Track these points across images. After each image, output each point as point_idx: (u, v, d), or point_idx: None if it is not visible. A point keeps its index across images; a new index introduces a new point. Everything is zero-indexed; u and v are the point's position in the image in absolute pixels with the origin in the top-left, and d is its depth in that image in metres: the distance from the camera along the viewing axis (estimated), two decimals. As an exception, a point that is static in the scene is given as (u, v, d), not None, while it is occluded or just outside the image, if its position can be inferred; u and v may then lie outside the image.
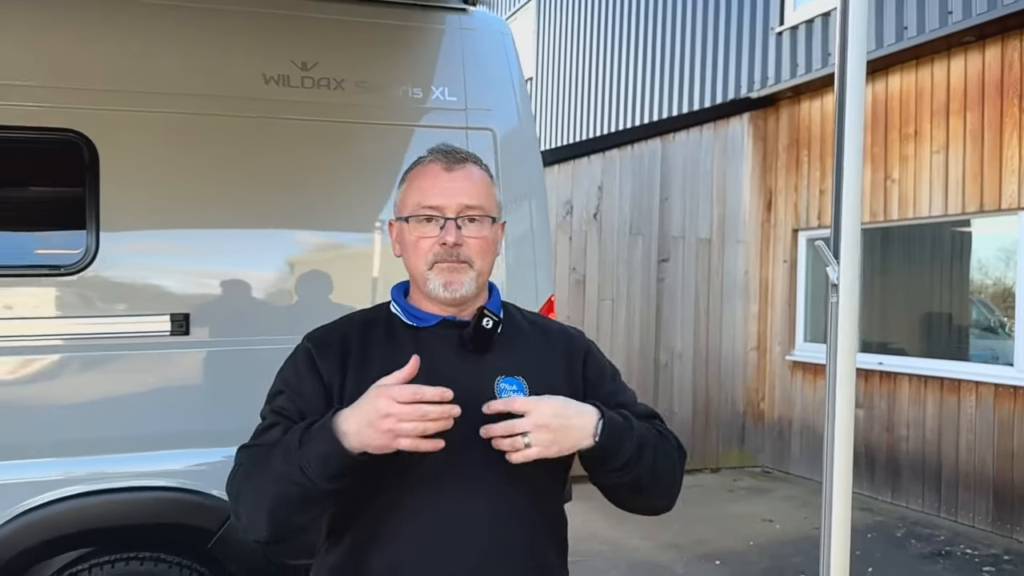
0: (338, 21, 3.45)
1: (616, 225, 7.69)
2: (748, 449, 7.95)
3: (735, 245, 7.93)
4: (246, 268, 3.29)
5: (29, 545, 2.97)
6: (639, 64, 10.33)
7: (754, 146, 7.99)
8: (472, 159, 1.75)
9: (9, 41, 3.06)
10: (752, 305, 7.99)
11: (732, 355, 7.96)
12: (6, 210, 3.28)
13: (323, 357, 1.68)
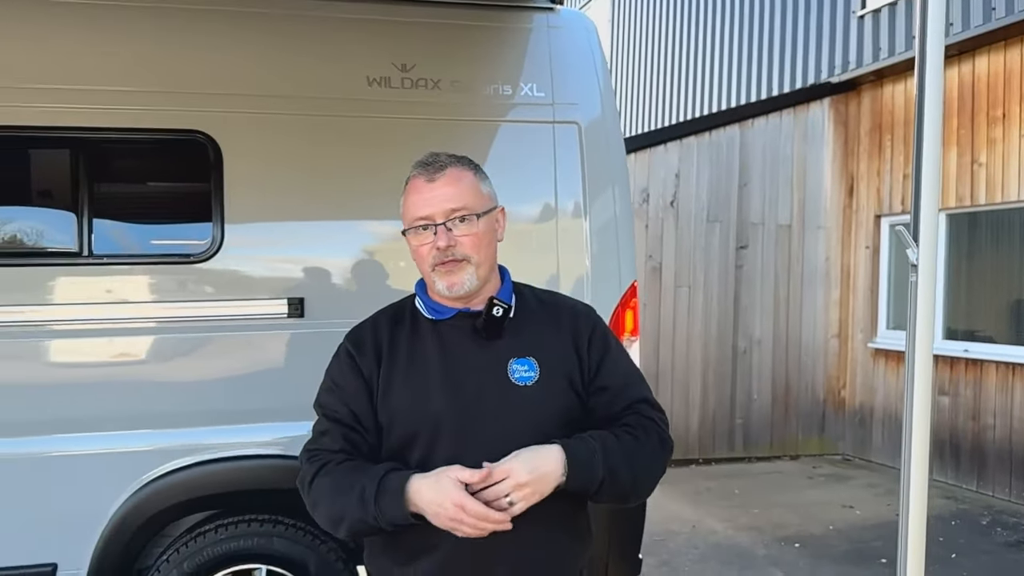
0: (434, 24, 3.55)
1: (693, 212, 7.71)
2: (828, 437, 7.91)
3: (816, 231, 7.89)
4: (354, 256, 3.46)
5: (164, 507, 3.22)
6: (717, 50, 10.27)
7: (835, 131, 7.92)
8: (452, 162, 1.86)
9: (145, 51, 3.28)
10: (833, 292, 7.94)
11: (812, 342, 7.92)
12: (143, 204, 3.53)
13: (361, 355, 1.87)
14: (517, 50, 3.67)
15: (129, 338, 3.29)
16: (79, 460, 3.22)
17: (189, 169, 3.41)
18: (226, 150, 3.27)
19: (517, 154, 3.62)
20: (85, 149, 3.26)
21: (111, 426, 3.23)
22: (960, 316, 7.00)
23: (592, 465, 1.64)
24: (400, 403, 1.83)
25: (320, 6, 3.49)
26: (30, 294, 3.22)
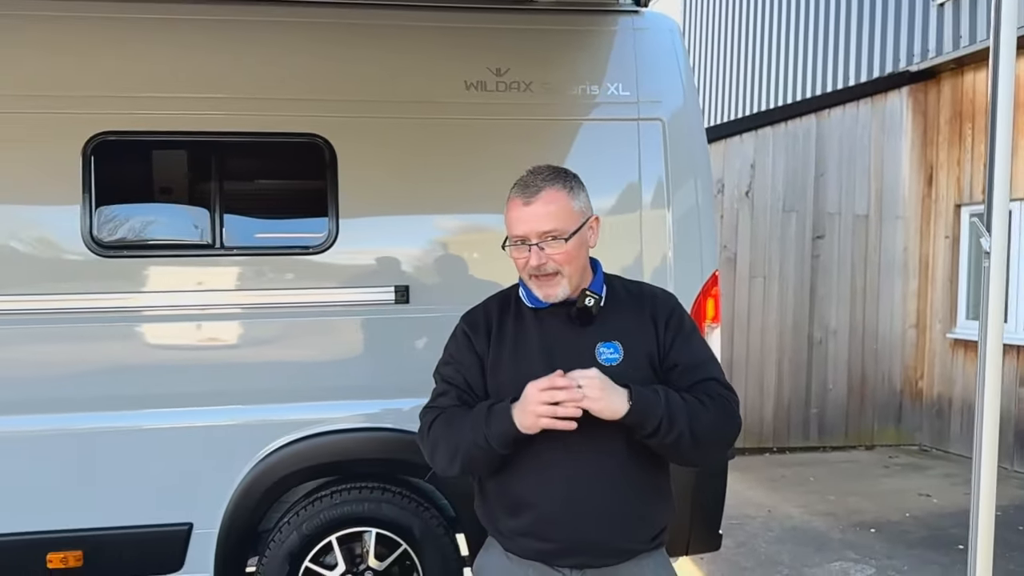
0: (526, 30, 3.69)
1: (768, 203, 7.72)
2: (905, 427, 7.86)
3: (893, 221, 7.81)
4: (454, 248, 3.64)
5: (286, 473, 3.46)
6: (793, 40, 10.17)
7: (914, 120, 7.80)
8: (547, 183, 2.02)
9: (271, 62, 3.52)
10: (911, 282, 7.86)
11: (889, 332, 7.86)
12: (267, 201, 3.77)
13: (475, 335, 2.11)
14: (603, 51, 3.76)
15: (257, 321, 3.52)
16: (214, 431, 3.47)
17: (308, 169, 3.61)
18: (340, 151, 3.49)
19: (604, 150, 3.71)
20: (217, 151, 3.51)
21: (241, 400, 3.49)
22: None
23: (654, 404, 1.83)
24: (506, 377, 2.04)
25: (422, 16, 3.64)
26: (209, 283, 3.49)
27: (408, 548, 3.59)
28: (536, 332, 2.09)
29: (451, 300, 3.42)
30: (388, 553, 3.60)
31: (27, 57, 3.41)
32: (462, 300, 3.55)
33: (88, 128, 3.39)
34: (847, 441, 7.77)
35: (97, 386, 3.42)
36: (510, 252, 2.06)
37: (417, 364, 3.44)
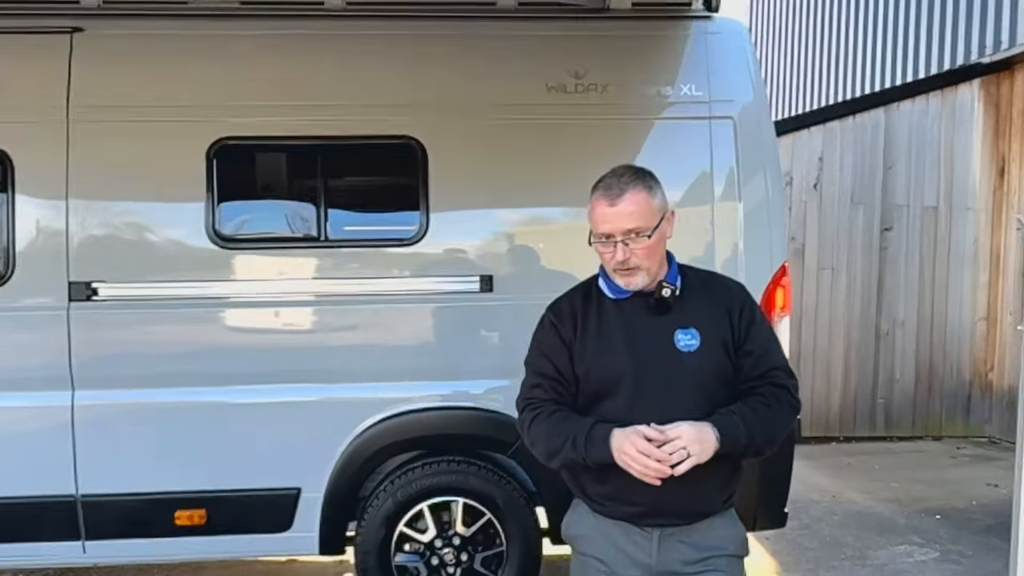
0: (602, 36, 3.77)
1: (836, 195, 7.69)
2: (974, 419, 7.75)
3: (964, 213, 7.68)
4: (535, 240, 3.75)
5: (383, 445, 3.65)
6: (860, 33, 9.95)
7: (985, 112, 7.61)
8: (630, 185, 2.12)
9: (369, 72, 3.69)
10: (982, 274, 7.72)
11: (959, 324, 7.75)
12: (365, 197, 3.94)
13: (561, 324, 2.21)
14: (677, 54, 3.81)
15: (356, 307, 3.67)
16: (319, 406, 3.67)
17: (400, 168, 3.74)
18: (431, 152, 3.63)
19: (678, 147, 3.78)
20: (321, 154, 3.70)
21: (342, 379, 3.66)
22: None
23: (737, 436, 1.98)
24: (592, 362, 2.17)
25: (505, 26, 3.77)
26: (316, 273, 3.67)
27: (492, 517, 3.73)
28: (618, 321, 2.21)
29: (531, 289, 3.56)
30: (473, 521, 3.75)
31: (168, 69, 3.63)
32: (541, 289, 3.45)
33: (212, 132, 3.59)
34: (914, 432, 7.69)
35: (218, 364, 3.63)
36: (596, 247, 2.18)
37: (500, 349, 3.73)
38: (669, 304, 2.16)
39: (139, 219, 3.67)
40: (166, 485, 3.59)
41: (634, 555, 2.17)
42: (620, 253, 2.09)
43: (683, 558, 2.16)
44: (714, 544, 2.18)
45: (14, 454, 3.55)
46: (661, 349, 2.13)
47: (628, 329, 2.19)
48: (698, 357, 2.13)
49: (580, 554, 2.31)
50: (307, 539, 3.68)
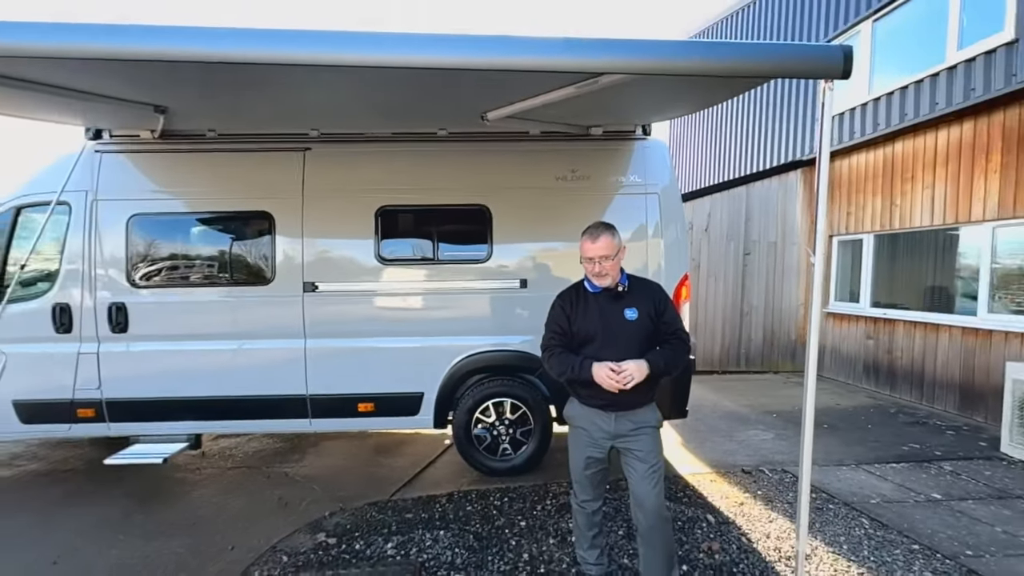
0: (587, 149, 3.75)
1: (718, 235, 7.57)
2: (797, 361, 7.56)
3: (791, 245, 7.55)
4: (549, 260, 3.73)
5: (468, 370, 3.69)
6: (731, 141, 9.60)
7: (803, 188, 7.42)
8: (602, 232, 2.20)
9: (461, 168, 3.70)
10: (800, 279, 7.57)
11: (790, 307, 7.61)
12: (458, 237, 3.77)
13: (564, 305, 2.30)
14: (627, 158, 3.77)
15: (454, 298, 3.70)
16: (435, 348, 3.69)
17: (478, 223, 3.71)
18: (494, 213, 3.68)
19: (627, 210, 3.74)
20: (437, 214, 3.71)
21: (446, 333, 3.69)
22: (883, 294, 6.53)
23: (658, 365, 2.10)
24: (580, 326, 2.26)
25: (534, 144, 3.74)
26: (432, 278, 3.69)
27: (525, 409, 3.77)
28: (594, 304, 2.28)
29: (547, 287, 3.62)
30: (515, 411, 3.79)
31: (355, 169, 3.68)
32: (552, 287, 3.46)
33: (377, 203, 3.65)
34: (762, 368, 7.60)
35: (381, 325, 3.67)
36: (583, 264, 2.27)
37: (528, 319, 3.72)
38: (621, 295, 2.24)
39: (339, 249, 3.67)
40: (353, 389, 3.63)
41: (601, 426, 2.24)
42: (596, 267, 2.20)
43: (627, 428, 2.22)
44: (643, 420, 2.24)
45: (277, 372, 3.61)
46: (616, 319, 2.20)
47: (599, 308, 2.25)
48: (636, 324, 2.20)
49: (573, 426, 2.35)
50: (427, 420, 3.70)
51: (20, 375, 3.54)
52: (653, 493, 2.18)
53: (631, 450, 2.22)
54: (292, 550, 2.86)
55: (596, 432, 2.27)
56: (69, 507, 3.37)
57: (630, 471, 2.23)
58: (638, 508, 2.21)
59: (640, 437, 2.23)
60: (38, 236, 3.50)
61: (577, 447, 2.33)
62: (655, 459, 2.21)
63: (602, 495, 2.39)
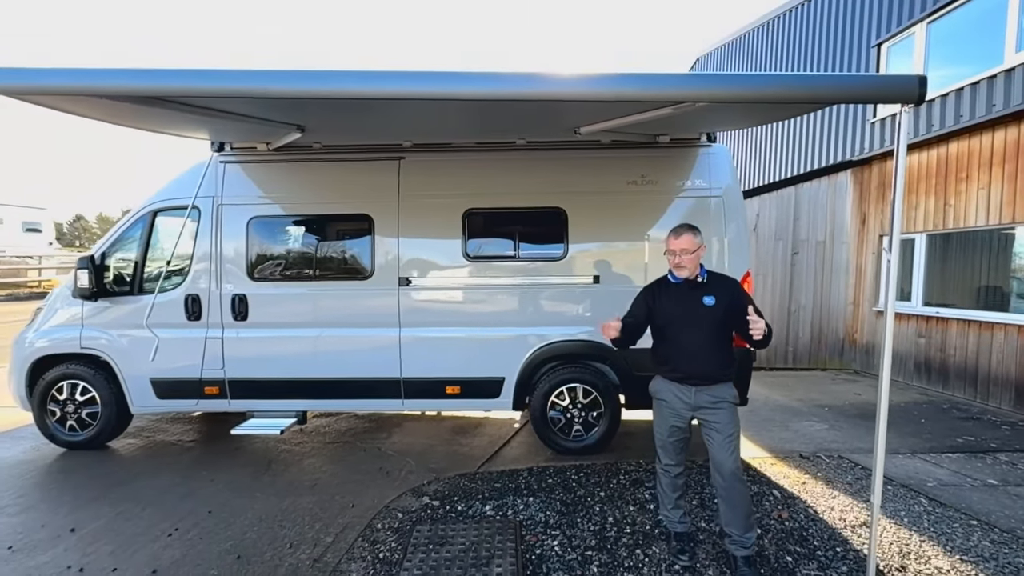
0: (655, 156, 3.97)
1: (767, 234, 7.68)
2: (845, 359, 7.62)
3: (840, 244, 7.57)
4: (620, 257, 3.95)
5: (543, 357, 3.96)
6: (782, 143, 9.56)
7: (853, 188, 7.43)
8: (685, 231, 2.44)
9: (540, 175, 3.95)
10: (850, 278, 7.56)
11: (838, 306, 7.64)
12: (537, 236, 4.00)
13: (647, 296, 2.56)
14: (692, 164, 3.98)
15: (533, 291, 3.97)
16: (516, 337, 3.98)
17: (554, 223, 3.95)
18: (569, 215, 3.93)
19: (692, 212, 3.96)
20: (518, 216, 3.98)
21: (526, 324, 3.97)
22: (935, 292, 6.56)
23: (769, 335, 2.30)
24: (662, 310, 2.51)
25: (606, 152, 3.95)
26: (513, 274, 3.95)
27: (597, 394, 4.02)
28: (676, 292, 2.53)
29: (617, 283, 3.92)
30: (587, 396, 4.04)
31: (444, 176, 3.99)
32: (620, 283, 3.97)
33: (464, 206, 3.96)
34: (810, 366, 7.67)
35: (467, 315, 3.96)
36: (666, 256, 2.51)
37: (600, 312, 3.97)
38: (700, 285, 2.49)
39: (430, 247, 3.98)
40: (441, 372, 3.92)
41: (682, 398, 2.50)
42: (676, 259, 2.47)
43: (706, 400, 2.47)
44: (721, 395, 2.47)
45: (375, 356, 3.97)
46: (695, 305, 2.44)
47: (680, 296, 2.51)
48: (713, 309, 2.44)
49: (657, 399, 2.61)
50: (507, 402, 3.97)
51: (157, 355, 4.08)
52: (731, 459, 2.44)
53: (710, 422, 2.48)
54: (404, 509, 3.30)
55: (677, 404, 2.52)
56: (201, 471, 3.91)
57: (710, 441, 2.49)
58: (717, 472, 2.48)
59: (718, 411, 2.47)
60: (179, 236, 4.06)
61: (661, 417, 2.61)
62: (732, 430, 2.45)
63: (683, 461, 2.67)
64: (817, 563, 2.62)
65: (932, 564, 2.63)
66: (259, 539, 2.91)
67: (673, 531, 2.74)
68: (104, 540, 2.90)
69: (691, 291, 2.51)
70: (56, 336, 4.21)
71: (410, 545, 2.83)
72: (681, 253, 2.46)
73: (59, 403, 4.24)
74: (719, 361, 2.43)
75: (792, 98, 2.09)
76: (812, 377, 7.04)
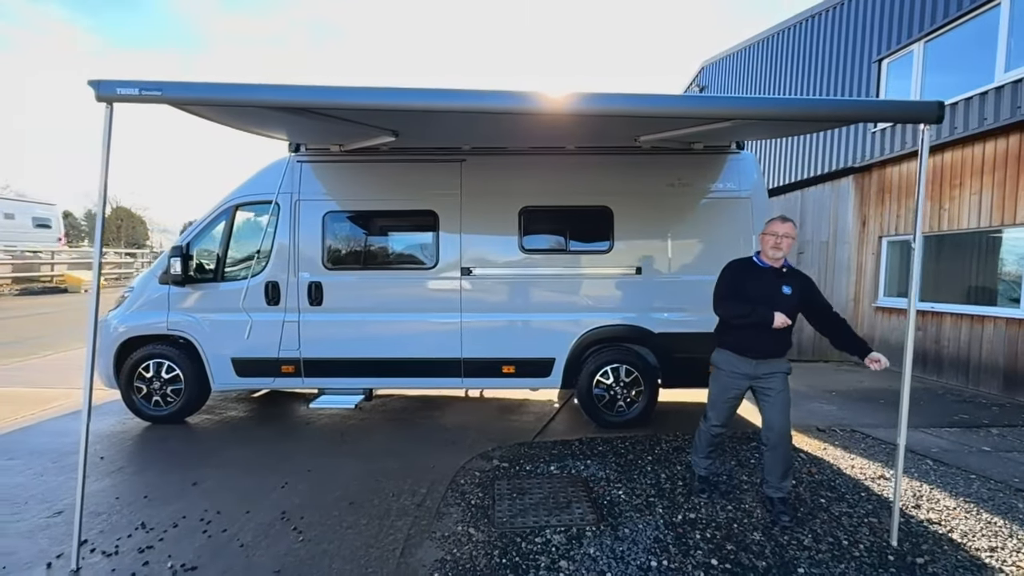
0: (691, 161, 4.35)
1: None
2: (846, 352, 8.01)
3: (843, 244, 7.91)
4: (659, 250, 4.32)
5: (590, 340, 4.33)
6: (787, 151, 9.90)
7: (855, 192, 7.77)
8: (789, 220, 2.72)
9: (588, 176, 4.30)
10: (852, 276, 7.89)
11: (841, 302, 7.89)
12: (586, 232, 4.33)
13: (735, 272, 2.85)
14: (724, 168, 4.38)
15: (582, 281, 4.33)
16: (566, 322, 4.33)
17: (601, 220, 4.32)
18: (616, 212, 4.32)
19: (723, 211, 4.35)
20: (568, 213, 4.33)
21: (576, 311, 4.33)
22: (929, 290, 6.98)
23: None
24: (749, 292, 2.79)
25: (647, 157, 4.29)
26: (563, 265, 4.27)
27: (638, 374, 4.40)
28: (761, 277, 2.82)
29: (656, 274, 4.30)
30: (629, 376, 4.41)
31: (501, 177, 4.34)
32: (660, 274, 4.32)
33: (520, 204, 4.33)
34: (814, 358, 8.01)
35: (522, 302, 4.32)
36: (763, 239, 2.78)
37: (641, 300, 4.34)
38: (783, 274, 2.82)
39: (489, 240, 4.29)
40: (498, 354, 4.29)
41: (743, 370, 2.87)
42: (777, 241, 2.75)
43: (764, 371, 2.85)
44: (778, 367, 2.86)
45: (438, 338, 4.33)
46: (776, 291, 2.77)
47: (766, 280, 2.82)
48: (790, 298, 2.79)
49: (718, 369, 2.98)
50: (556, 381, 4.33)
51: (238, 337, 4.47)
52: (781, 418, 2.86)
53: (766, 388, 2.87)
54: (479, 469, 3.76)
55: (738, 374, 2.90)
56: (286, 441, 4.33)
57: (764, 404, 2.89)
58: (768, 430, 2.88)
59: (773, 379, 2.87)
60: (265, 228, 4.47)
61: (720, 384, 3.00)
62: (785, 396, 2.86)
63: (728, 423, 3.05)
64: (847, 503, 3.14)
65: (941, 504, 3.16)
66: (363, 490, 3.36)
67: (698, 474, 3.22)
68: (225, 492, 3.33)
69: (775, 278, 2.79)
70: (144, 319, 4.60)
71: (495, 494, 3.30)
72: (784, 236, 2.72)
73: (145, 381, 4.63)
74: (783, 342, 2.78)
75: (836, 118, 2.59)
76: (817, 368, 7.45)
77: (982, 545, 2.70)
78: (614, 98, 2.55)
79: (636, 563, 2.55)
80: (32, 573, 2.49)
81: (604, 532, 2.82)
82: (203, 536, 2.80)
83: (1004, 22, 5.90)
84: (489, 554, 2.62)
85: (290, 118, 3.10)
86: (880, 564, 2.53)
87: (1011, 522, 2.94)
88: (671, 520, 2.95)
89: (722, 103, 2.64)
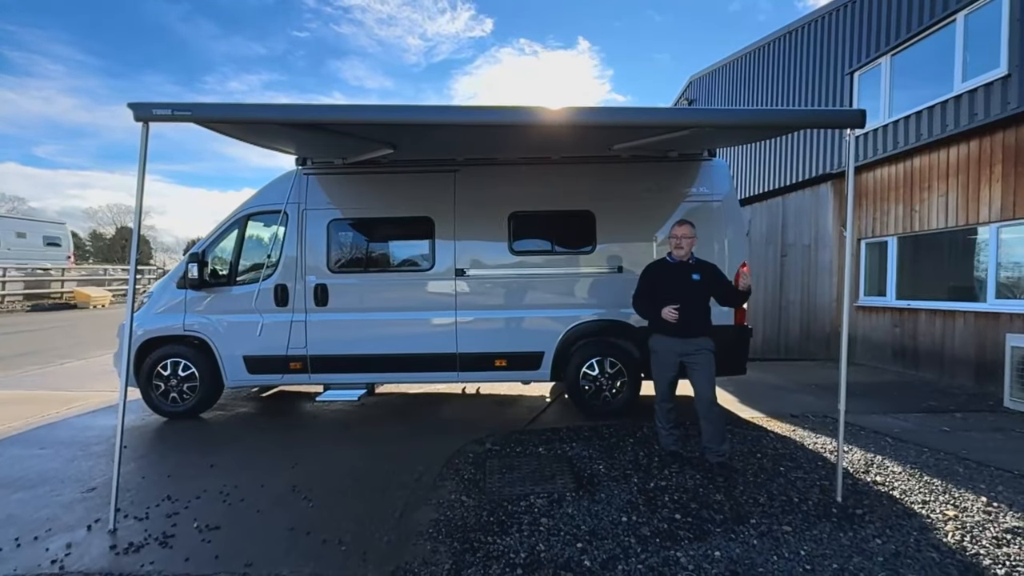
0: (667, 167, 4.66)
1: (758, 238, 8.52)
2: (831, 350, 8.13)
3: (823, 247, 8.22)
4: (636, 251, 4.58)
5: (576, 335, 4.61)
6: (769, 158, 10.24)
7: (833, 197, 8.09)
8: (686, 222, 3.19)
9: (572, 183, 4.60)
10: (832, 278, 8.16)
11: (823, 302, 8.24)
12: (570, 234, 4.55)
13: (650, 272, 3.28)
14: (697, 174, 4.67)
15: (567, 280, 4.61)
16: (554, 317, 4.61)
17: (585, 223, 4.60)
18: (597, 216, 4.62)
19: (697, 214, 4.64)
20: (554, 218, 4.64)
21: (562, 307, 4.60)
22: (907, 287, 7.31)
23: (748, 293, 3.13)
24: (662, 284, 3.24)
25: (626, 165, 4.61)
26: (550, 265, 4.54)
27: (621, 366, 4.68)
28: (674, 270, 3.25)
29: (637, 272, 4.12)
30: (613, 368, 4.68)
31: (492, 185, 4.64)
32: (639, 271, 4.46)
33: (509, 209, 4.64)
34: (799, 355, 8.35)
35: (513, 300, 4.61)
36: (670, 241, 3.27)
37: (620, 296, 4.57)
38: (690, 266, 3.24)
39: (481, 244, 4.65)
40: (491, 348, 4.55)
41: (673, 348, 3.26)
42: (678, 242, 3.22)
43: (691, 348, 3.23)
44: (702, 345, 3.24)
45: (435, 335, 4.62)
46: (686, 280, 3.19)
47: (676, 273, 3.23)
48: (698, 283, 3.20)
49: (654, 351, 3.36)
50: (545, 373, 4.60)
51: (249, 336, 4.84)
52: (707, 386, 3.27)
53: (694, 363, 3.27)
54: (472, 451, 4.11)
55: (670, 352, 3.29)
56: (294, 431, 4.69)
57: (693, 377, 3.29)
58: (698, 400, 3.29)
59: (699, 355, 3.25)
60: (275, 236, 4.88)
61: (659, 366, 3.40)
62: (710, 369, 3.26)
63: (673, 398, 3.45)
64: (803, 471, 3.49)
65: (889, 469, 3.51)
66: (366, 469, 3.71)
67: (668, 449, 3.62)
68: (241, 471, 3.69)
69: (684, 270, 3.26)
70: (162, 321, 4.99)
71: (487, 471, 3.66)
72: (682, 238, 3.24)
73: (163, 379, 5.01)
74: (701, 320, 3.18)
75: (778, 125, 3.02)
76: (801, 365, 7.76)
77: (916, 499, 3.04)
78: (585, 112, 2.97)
79: (609, 519, 2.89)
80: (75, 533, 2.85)
81: (583, 497, 3.16)
82: (224, 504, 3.16)
83: (960, 36, 6.35)
84: (479, 515, 2.96)
85: (299, 134, 3.53)
86: (824, 516, 2.87)
87: (948, 482, 3.29)
88: (644, 487, 3.29)
89: (673, 115, 3.07)
